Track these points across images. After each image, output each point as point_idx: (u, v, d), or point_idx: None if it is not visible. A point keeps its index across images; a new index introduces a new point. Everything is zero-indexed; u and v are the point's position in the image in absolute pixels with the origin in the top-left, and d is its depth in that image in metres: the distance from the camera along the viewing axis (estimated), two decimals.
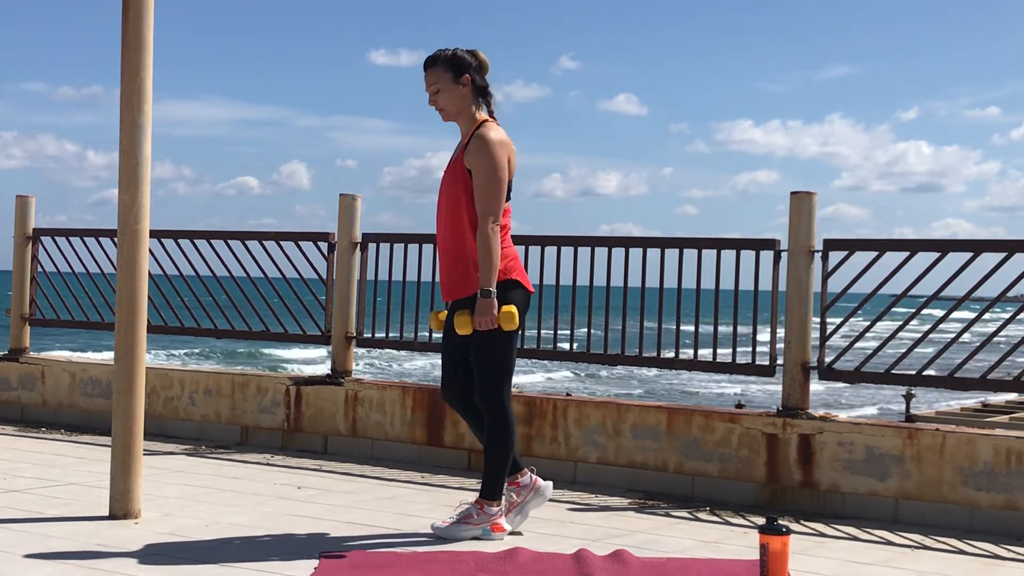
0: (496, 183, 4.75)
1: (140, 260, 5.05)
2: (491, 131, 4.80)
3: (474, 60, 4.90)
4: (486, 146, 4.76)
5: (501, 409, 4.83)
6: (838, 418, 5.81)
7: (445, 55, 4.88)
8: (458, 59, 4.87)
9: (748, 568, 4.37)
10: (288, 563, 4.27)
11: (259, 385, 7.41)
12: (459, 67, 4.86)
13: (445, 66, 4.87)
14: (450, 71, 4.86)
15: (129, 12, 4.98)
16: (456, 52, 4.90)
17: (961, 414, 18.15)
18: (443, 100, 4.88)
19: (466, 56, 4.89)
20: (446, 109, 4.89)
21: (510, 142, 4.86)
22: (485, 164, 4.75)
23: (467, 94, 4.87)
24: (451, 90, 4.86)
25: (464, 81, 4.86)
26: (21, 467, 6.21)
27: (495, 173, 4.75)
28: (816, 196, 5.91)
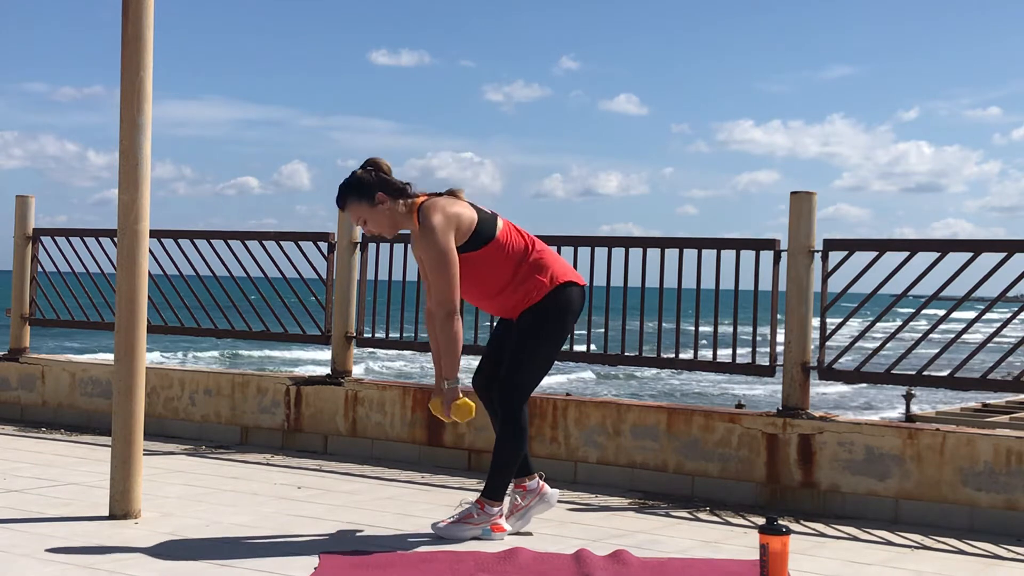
0: (444, 273, 4.68)
1: (140, 260, 5.05)
2: (429, 215, 4.71)
3: (375, 171, 4.84)
4: (427, 235, 4.70)
5: (520, 410, 4.84)
6: (838, 418, 5.81)
7: (349, 185, 4.82)
8: (362, 184, 4.80)
9: (748, 568, 4.37)
10: (288, 563, 4.27)
11: (259, 385, 7.41)
12: (368, 190, 4.79)
13: (356, 196, 4.81)
14: (363, 199, 4.80)
15: (129, 11, 4.98)
16: (356, 178, 4.82)
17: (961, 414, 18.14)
18: (375, 226, 4.84)
19: (366, 175, 4.82)
20: (383, 229, 4.85)
21: (452, 208, 4.74)
22: (431, 255, 4.71)
23: (390, 207, 4.80)
24: (374, 214, 4.81)
25: (380, 199, 4.78)
26: (21, 467, 6.21)
27: (442, 260, 4.68)
28: (816, 196, 5.92)
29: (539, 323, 4.83)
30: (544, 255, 4.88)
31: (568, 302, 4.87)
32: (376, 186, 4.80)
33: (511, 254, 4.82)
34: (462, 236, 4.74)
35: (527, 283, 4.82)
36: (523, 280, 4.82)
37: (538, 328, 4.83)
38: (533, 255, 4.85)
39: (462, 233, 4.74)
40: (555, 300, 4.84)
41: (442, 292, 4.70)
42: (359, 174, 4.84)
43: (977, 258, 5.62)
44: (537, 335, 4.84)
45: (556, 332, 4.87)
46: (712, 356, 6.25)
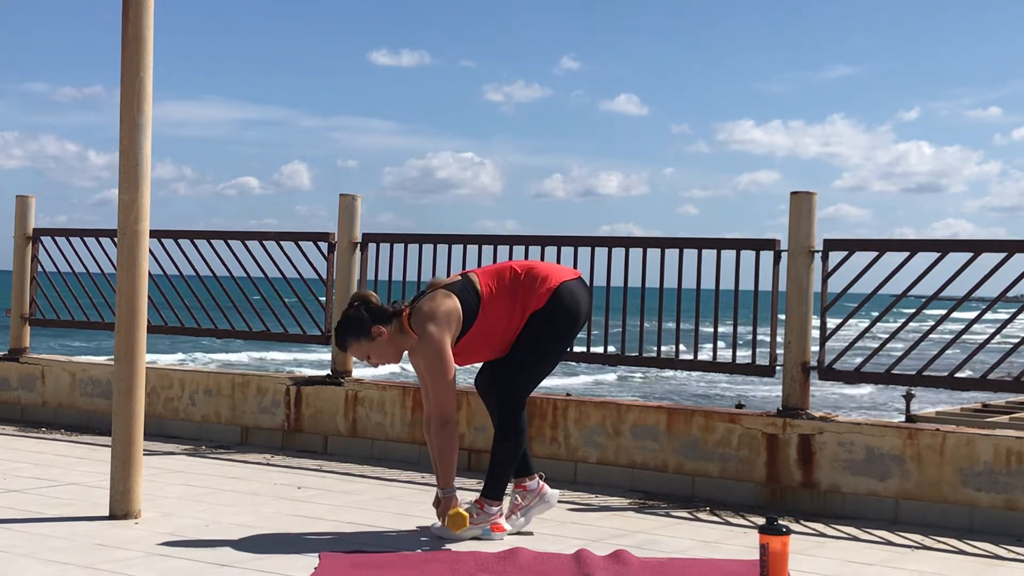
0: (443, 380, 4.71)
1: (140, 260, 5.05)
2: (425, 327, 4.73)
3: (364, 307, 4.85)
4: (426, 346, 4.73)
5: (516, 411, 4.84)
6: (838, 418, 5.81)
7: (345, 329, 4.84)
8: (356, 323, 4.82)
9: (748, 568, 4.37)
10: (288, 563, 4.27)
11: (259, 385, 7.41)
12: (362, 329, 4.82)
13: (354, 336, 4.84)
14: (361, 337, 4.82)
15: (129, 12, 4.98)
16: (349, 319, 4.83)
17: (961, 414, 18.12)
18: (379, 358, 4.86)
19: (358, 313, 4.83)
20: (386, 359, 4.87)
21: (441, 310, 4.75)
22: (429, 364, 4.74)
23: (387, 335, 4.81)
24: (376, 347, 4.83)
25: (376, 332, 4.80)
26: (21, 467, 6.21)
27: (442, 370, 4.71)
28: (816, 196, 5.92)
29: (544, 325, 4.83)
30: (530, 270, 4.89)
31: (572, 301, 4.86)
32: (369, 321, 4.82)
33: (501, 296, 4.83)
34: (457, 328, 4.78)
35: (528, 303, 4.82)
36: (523, 303, 4.83)
37: (543, 329, 4.83)
38: (522, 278, 4.85)
39: (456, 325, 4.77)
40: (559, 302, 4.84)
41: (440, 399, 4.73)
42: (351, 314, 4.85)
43: (977, 258, 5.62)
44: (542, 336, 4.83)
45: (561, 333, 4.87)
46: (712, 356, 6.25)
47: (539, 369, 4.90)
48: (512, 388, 4.84)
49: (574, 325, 4.89)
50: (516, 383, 4.85)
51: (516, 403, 4.84)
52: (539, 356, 4.86)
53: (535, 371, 4.88)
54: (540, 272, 4.88)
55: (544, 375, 4.95)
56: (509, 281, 4.85)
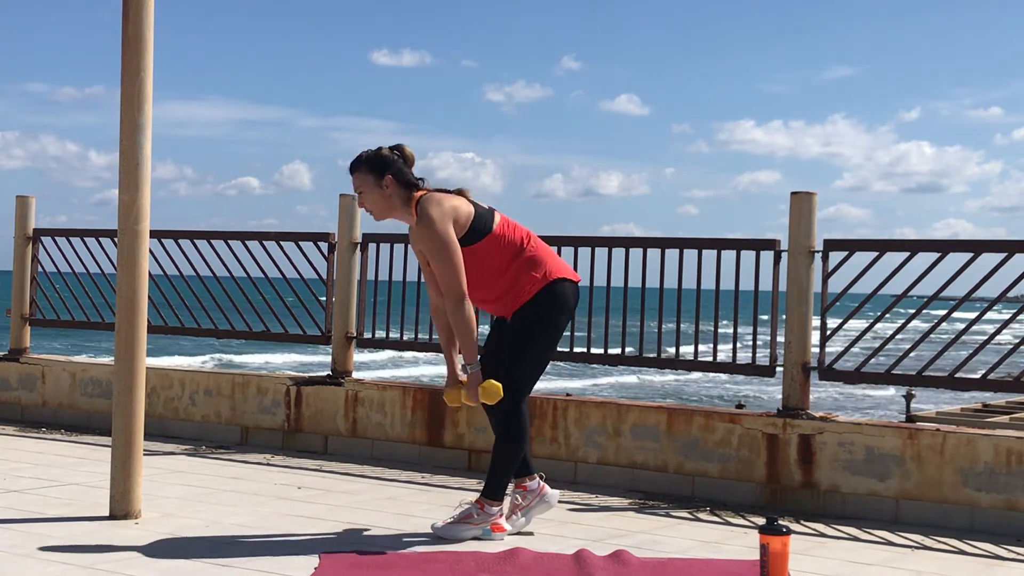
0: (448, 261, 4.69)
1: (140, 260, 5.05)
2: (427, 208, 4.72)
3: (397, 155, 4.85)
4: (425, 227, 4.71)
5: (518, 411, 4.84)
6: (838, 418, 5.81)
7: (367, 156, 4.84)
8: (380, 159, 4.82)
9: (748, 568, 4.37)
10: (288, 563, 4.27)
11: (259, 385, 7.41)
12: (381, 167, 4.80)
13: (368, 168, 4.82)
14: (371, 173, 4.81)
15: (129, 12, 4.98)
16: (379, 152, 4.84)
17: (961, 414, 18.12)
18: (369, 203, 4.85)
19: (386, 155, 4.83)
20: (375, 210, 4.86)
21: (449, 201, 4.75)
22: (433, 248, 4.72)
23: (391, 194, 4.81)
24: (374, 192, 4.81)
25: (386, 183, 4.79)
26: (21, 467, 6.21)
27: (444, 251, 4.69)
28: (816, 196, 5.92)
29: (532, 323, 4.83)
30: (538, 251, 4.88)
31: (561, 299, 4.86)
32: (391, 169, 4.81)
33: (507, 248, 4.82)
34: (460, 229, 4.75)
35: (521, 278, 4.82)
36: (517, 275, 4.82)
37: (531, 329, 4.83)
38: (528, 251, 4.85)
39: (460, 226, 4.75)
40: (547, 297, 4.83)
41: (449, 279, 4.70)
42: (382, 151, 4.86)
43: (977, 258, 5.62)
44: (531, 336, 4.83)
45: (549, 332, 4.87)
46: (712, 356, 6.25)
47: (532, 367, 4.88)
48: (510, 390, 4.84)
49: (558, 324, 4.88)
50: (514, 384, 4.85)
51: (516, 404, 4.84)
52: (530, 354, 4.85)
53: (529, 369, 4.87)
54: (541, 257, 4.87)
55: (538, 372, 4.93)
56: (517, 245, 4.84)
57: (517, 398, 4.84)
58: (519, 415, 4.84)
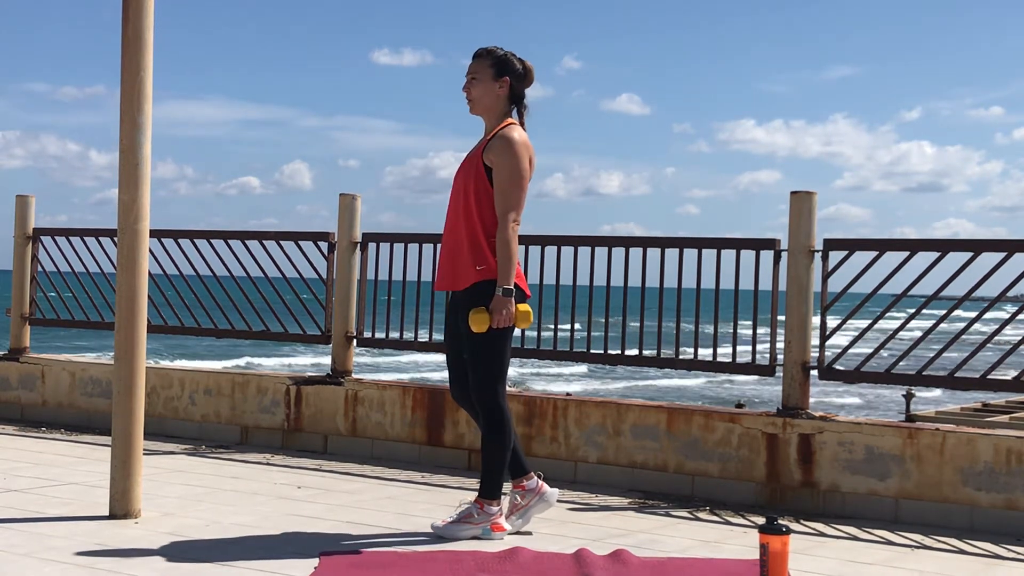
0: (517, 183, 4.78)
1: (140, 260, 5.05)
2: (515, 132, 4.84)
3: (521, 67, 4.95)
4: (510, 146, 4.79)
5: (496, 407, 4.83)
6: (838, 418, 5.81)
7: (496, 52, 4.95)
8: (506, 61, 4.94)
9: (748, 568, 4.37)
10: (288, 563, 4.27)
11: (259, 385, 7.41)
12: (503, 67, 4.92)
13: (491, 60, 4.93)
14: (494, 67, 4.92)
15: (129, 11, 4.98)
16: (508, 54, 4.96)
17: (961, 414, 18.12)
18: (476, 91, 4.93)
19: (514, 61, 4.95)
20: (476, 100, 4.94)
21: (532, 146, 4.90)
22: (507, 164, 4.77)
23: (502, 96, 4.92)
24: (487, 85, 4.91)
25: (503, 82, 4.91)
26: (21, 467, 6.21)
27: (517, 173, 4.78)
28: (816, 196, 5.92)
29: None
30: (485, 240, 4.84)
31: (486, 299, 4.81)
32: (513, 74, 4.91)
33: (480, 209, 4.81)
34: (530, 165, 4.85)
35: (483, 253, 4.79)
36: (482, 247, 4.79)
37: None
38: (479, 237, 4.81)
39: (530, 165, 4.85)
40: (488, 291, 4.78)
41: (511, 199, 4.77)
42: (511, 56, 4.95)
43: (977, 258, 5.62)
44: (486, 333, 4.79)
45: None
46: (712, 356, 6.25)
47: (494, 357, 4.82)
48: (485, 388, 4.83)
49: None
50: (486, 382, 4.82)
51: (494, 400, 4.82)
52: (491, 351, 4.80)
53: (495, 364, 4.82)
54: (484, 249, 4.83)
55: (504, 361, 4.86)
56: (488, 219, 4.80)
57: (492, 393, 4.81)
58: (500, 410, 4.83)
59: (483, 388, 4.82)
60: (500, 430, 4.83)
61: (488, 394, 4.82)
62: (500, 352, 4.84)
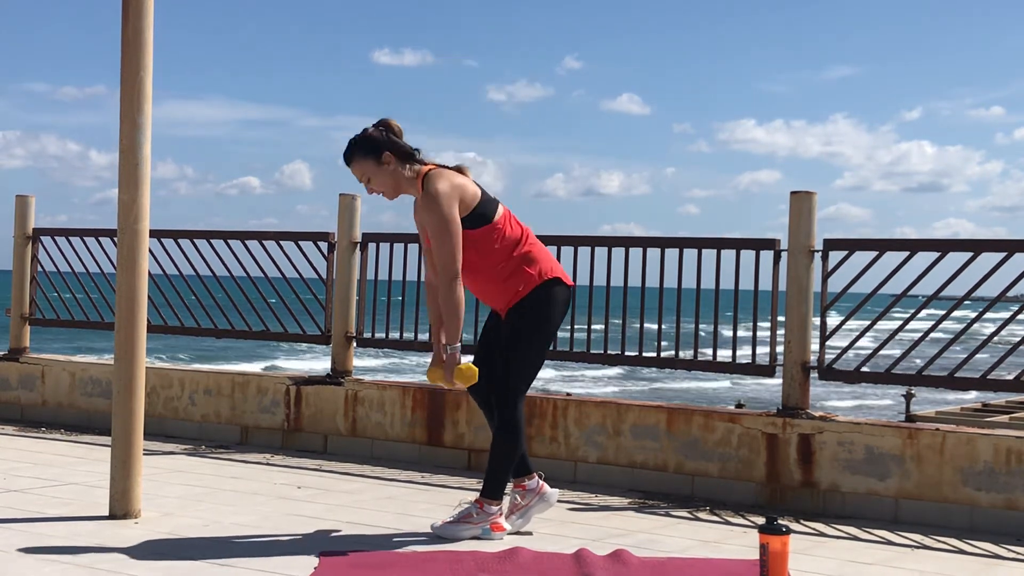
0: (447, 238, 4.68)
1: (140, 260, 5.05)
2: (434, 182, 4.72)
3: (386, 131, 4.84)
4: (431, 202, 4.71)
5: (514, 412, 4.84)
6: (838, 418, 5.81)
7: (358, 140, 4.82)
8: (371, 140, 4.81)
9: (748, 568, 4.36)
10: (288, 563, 4.27)
11: (259, 385, 7.41)
12: (375, 148, 4.79)
13: (363, 153, 4.80)
14: (369, 157, 4.80)
15: (129, 12, 4.98)
16: (366, 134, 4.83)
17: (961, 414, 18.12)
18: (378, 185, 4.83)
19: (376, 133, 4.82)
20: (386, 191, 4.84)
21: (458, 179, 4.76)
22: (434, 221, 4.70)
23: (395, 169, 4.80)
24: (379, 173, 4.80)
25: (386, 160, 4.78)
26: (21, 467, 6.21)
27: (445, 228, 4.68)
28: (816, 196, 5.91)
29: (528, 324, 4.83)
30: (534, 249, 4.88)
31: (555, 300, 4.86)
32: (385, 145, 4.80)
33: (505, 241, 4.81)
34: (464, 209, 4.75)
35: (516, 274, 4.81)
36: (513, 271, 4.81)
37: (527, 329, 4.83)
38: (525, 247, 4.85)
39: (465, 206, 4.75)
40: (541, 296, 4.82)
41: (445, 257, 4.69)
42: (370, 131, 4.84)
43: (977, 258, 5.62)
44: (525, 335, 4.83)
45: (544, 332, 4.87)
46: (712, 356, 6.25)
47: (528, 367, 4.88)
48: (508, 390, 4.84)
49: (551, 323, 4.88)
50: (511, 384, 4.84)
51: (513, 403, 4.84)
52: (526, 354, 4.84)
53: (526, 367, 4.86)
54: (536, 256, 4.86)
55: (535, 371, 4.92)
56: (516, 240, 4.83)
57: (514, 397, 4.84)
58: (516, 414, 4.84)
59: (508, 391, 4.84)
60: (515, 434, 4.83)
61: (511, 398, 4.84)
62: (536, 360, 4.90)
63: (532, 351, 4.87)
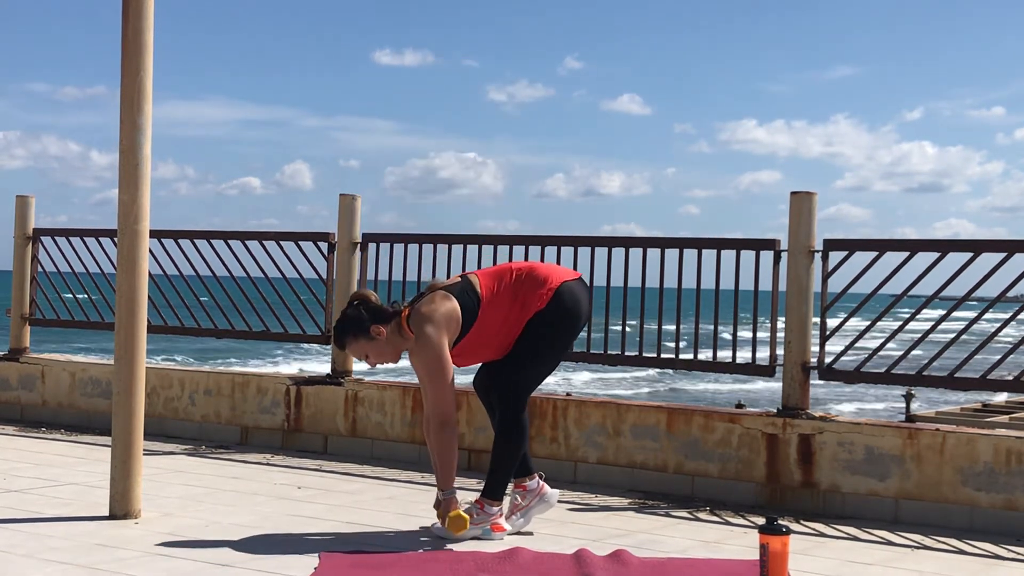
0: (440, 382, 4.71)
1: (140, 260, 5.05)
2: (422, 327, 4.73)
3: (364, 306, 4.86)
4: (425, 349, 4.73)
5: (518, 414, 4.84)
6: (838, 418, 5.81)
7: (343, 326, 4.85)
8: (354, 322, 4.83)
9: (748, 568, 4.37)
10: (288, 563, 4.27)
11: (259, 385, 7.41)
12: (362, 327, 4.82)
13: (353, 336, 4.84)
14: (360, 336, 4.83)
15: (129, 12, 4.98)
16: (348, 318, 4.84)
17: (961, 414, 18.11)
18: (378, 358, 4.86)
19: (357, 312, 4.84)
20: (387, 358, 4.87)
21: (440, 310, 4.74)
22: (426, 366, 4.73)
23: (385, 334, 4.81)
24: (375, 347, 4.83)
25: (376, 332, 4.81)
26: (21, 467, 6.21)
27: (438, 372, 4.70)
28: (816, 196, 5.92)
29: (545, 325, 4.82)
30: (532, 270, 4.89)
31: (573, 302, 4.85)
32: (368, 320, 4.82)
33: (503, 297, 4.82)
34: (455, 330, 4.77)
35: (529, 302, 4.81)
36: (524, 303, 4.81)
37: (544, 331, 4.82)
38: (523, 278, 4.84)
39: (454, 327, 4.77)
40: (558, 302, 4.83)
41: (437, 401, 4.73)
42: (349, 314, 4.86)
43: (977, 258, 5.62)
44: (545, 337, 4.82)
45: (562, 334, 4.87)
46: (712, 356, 6.25)
47: (540, 369, 4.90)
48: (513, 389, 4.84)
49: (575, 325, 4.88)
50: (517, 384, 4.85)
51: (517, 403, 4.84)
52: (540, 357, 4.86)
53: (536, 371, 4.88)
54: (541, 273, 4.88)
55: (545, 375, 4.95)
56: (510, 283, 4.85)
57: (521, 399, 4.85)
58: (520, 416, 4.84)
59: (513, 392, 4.84)
60: (517, 434, 4.84)
61: (516, 399, 4.84)
62: (549, 363, 4.91)
63: (546, 357, 4.87)
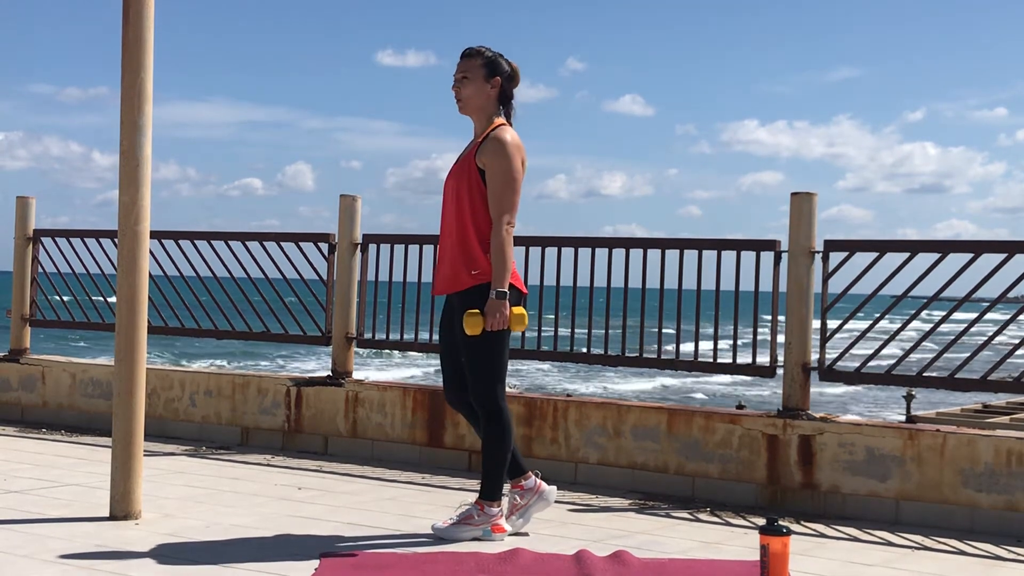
0: (511, 185, 4.79)
1: (140, 261, 5.05)
2: (507, 133, 4.85)
3: (509, 68, 4.98)
4: (502, 148, 4.80)
5: (496, 408, 4.83)
6: (838, 419, 5.81)
7: (485, 53, 4.96)
8: (496, 62, 4.95)
9: (749, 569, 4.36)
10: (288, 564, 4.27)
11: (259, 386, 7.41)
12: (495, 68, 4.93)
13: (482, 60, 4.93)
14: (485, 68, 4.92)
15: (129, 13, 4.99)
16: (497, 55, 4.98)
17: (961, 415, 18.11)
18: (467, 90, 4.93)
19: (504, 63, 4.97)
20: (466, 100, 4.94)
21: (523, 146, 4.90)
22: (500, 166, 4.78)
23: (492, 96, 4.93)
24: (478, 84, 4.92)
25: (494, 83, 4.92)
26: (21, 468, 6.21)
27: (510, 175, 4.79)
28: (816, 197, 5.92)
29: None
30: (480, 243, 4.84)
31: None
32: (503, 77, 4.93)
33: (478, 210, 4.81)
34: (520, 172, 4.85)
35: (475, 257, 4.78)
36: (475, 251, 4.79)
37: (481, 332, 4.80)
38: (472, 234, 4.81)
39: (521, 168, 4.85)
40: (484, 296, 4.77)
41: (505, 202, 4.77)
42: (500, 57, 4.96)
43: (977, 259, 5.62)
44: (482, 337, 4.79)
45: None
46: (712, 357, 6.24)
47: (495, 362, 4.82)
48: (484, 389, 4.82)
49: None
50: (485, 384, 4.82)
51: (494, 402, 4.82)
52: (489, 352, 4.79)
53: (494, 365, 4.82)
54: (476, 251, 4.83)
55: (503, 362, 4.86)
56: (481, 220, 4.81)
57: (493, 395, 4.82)
58: (501, 412, 4.83)
59: (483, 391, 4.82)
60: (501, 432, 4.83)
61: (488, 396, 4.82)
62: (498, 354, 4.84)
63: (493, 349, 4.81)
